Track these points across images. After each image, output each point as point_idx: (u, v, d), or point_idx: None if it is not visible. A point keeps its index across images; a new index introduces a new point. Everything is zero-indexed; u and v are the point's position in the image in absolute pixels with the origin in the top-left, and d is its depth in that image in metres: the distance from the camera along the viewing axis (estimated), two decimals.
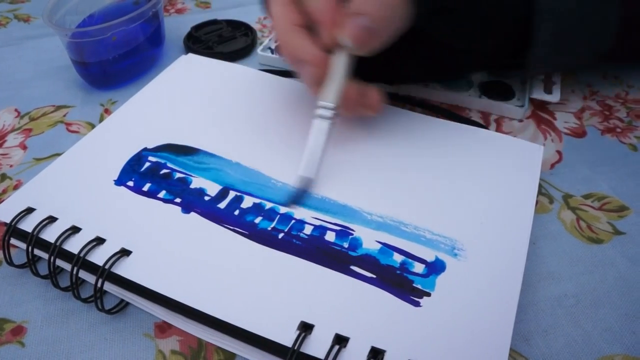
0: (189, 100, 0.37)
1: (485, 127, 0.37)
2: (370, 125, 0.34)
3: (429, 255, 0.27)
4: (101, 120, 0.39)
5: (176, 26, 0.50)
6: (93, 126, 0.39)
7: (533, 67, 0.34)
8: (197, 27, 0.48)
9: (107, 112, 0.40)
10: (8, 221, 0.28)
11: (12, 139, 0.38)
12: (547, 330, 0.26)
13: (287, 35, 0.29)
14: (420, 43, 0.30)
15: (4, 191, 0.34)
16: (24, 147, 0.37)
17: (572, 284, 0.28)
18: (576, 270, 0.29)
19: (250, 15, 0.51)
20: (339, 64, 0.29)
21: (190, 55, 0.42)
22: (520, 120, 0.39)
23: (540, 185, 0.33)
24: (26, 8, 0.55)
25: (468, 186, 0.30)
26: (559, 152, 0.36)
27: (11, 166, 0.36)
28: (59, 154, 0.33)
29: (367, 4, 0.27)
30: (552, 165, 0.35)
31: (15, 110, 0.41)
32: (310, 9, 0.29)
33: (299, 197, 0.29)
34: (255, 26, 0.49)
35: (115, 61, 0.41)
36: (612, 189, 0.33)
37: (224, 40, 0.47)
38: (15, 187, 0.34)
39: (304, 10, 0.29)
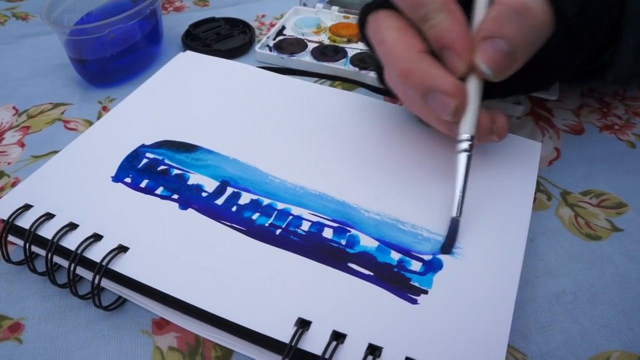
0: (186, 97, 0.37)
1: None
2: (368, 123, 0.34)
3: (427, 254, 0.27)
4: (99, 117, 0.39)
5: (174, 24, 0.50)
6: (91, 123, 0.39)
7: (614, 74, 0.32)
8: (195, 25, 0.48)
9: (105, 109, 0.40)
10: (5, 218, 0.28)
11: (10, 137, 0.38)
12: (545, 326, 0.26)
13: (414, 63, 0.26)
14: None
15: (2, 188, 0.34)
16: (22, 145, 0.37)
17: (570, 280, 0.28)
18: (574, 267, 0.29)
19: (248, 13, 0.52)
20: (474, 92, 0.27)
21: (188, 52, 0.42)
22: (519, 118, 0.38)
23: (538, 182, 0.33)
24: (24, 6, 0.55)
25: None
26: (557, 149, 0.36)
27: (9, 163, 0.36)
28: (56, 152, 0.33)
29: (506, 25, 0.25)
30: (550, 162, 0.35)
31: (14, 107, 0.41)
32: (438, 34, 0.26)
33: (454, 239, 0.27)
34: (253, 24, 0.49)
35: (113, 59, 0.41)
36: (610, 186, 0.33)
37: (222, 38, 0.47)
38: (13, 185, 0.34)
39: (425, 35, 0.27)
